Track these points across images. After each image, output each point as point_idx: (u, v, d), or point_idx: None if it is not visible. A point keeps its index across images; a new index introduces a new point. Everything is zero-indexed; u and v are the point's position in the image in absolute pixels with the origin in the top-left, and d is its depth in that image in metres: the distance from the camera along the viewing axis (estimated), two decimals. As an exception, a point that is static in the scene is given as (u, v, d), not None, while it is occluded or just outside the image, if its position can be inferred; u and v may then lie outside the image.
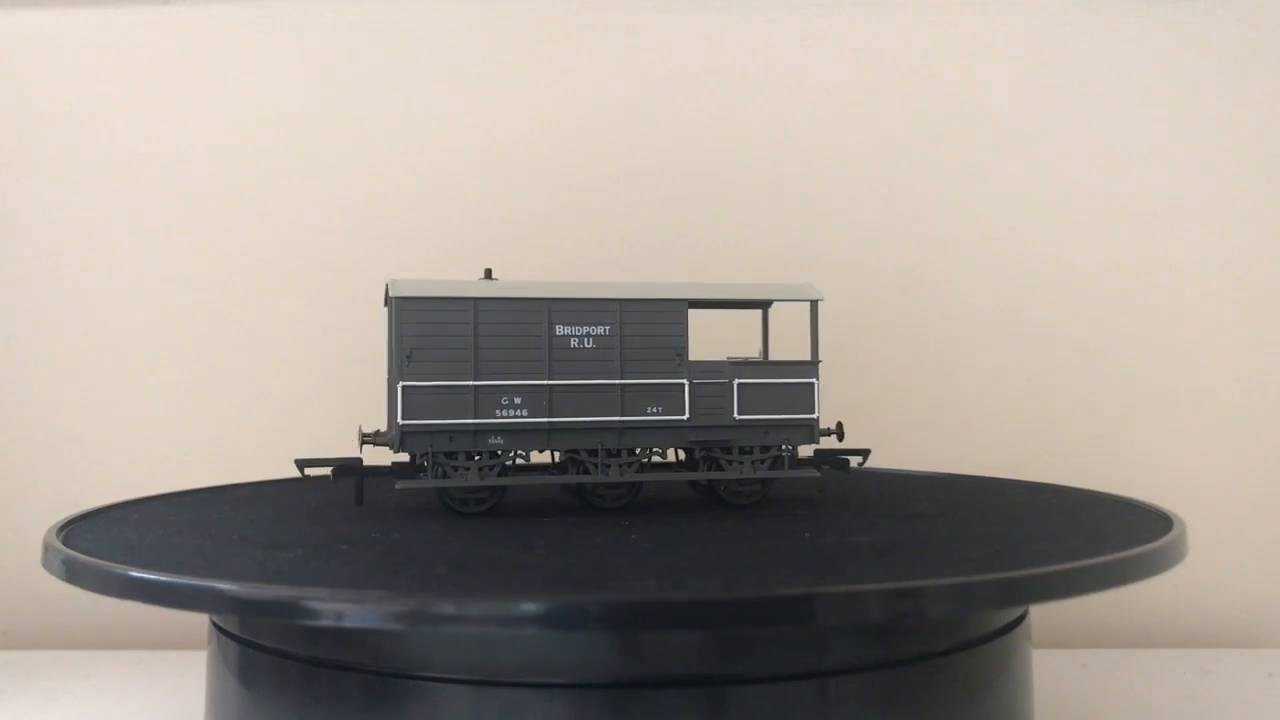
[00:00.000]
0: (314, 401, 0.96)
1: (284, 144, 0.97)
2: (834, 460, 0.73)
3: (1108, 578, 0.50)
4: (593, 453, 0.67)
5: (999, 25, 0.96)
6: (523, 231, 0.96)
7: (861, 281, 0.96)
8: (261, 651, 0.54)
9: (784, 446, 0.70)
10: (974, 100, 0.96)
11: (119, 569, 0.50)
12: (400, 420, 0.64)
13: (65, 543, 0.57)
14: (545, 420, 0.66)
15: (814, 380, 0.71)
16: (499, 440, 0.65)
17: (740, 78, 0.97)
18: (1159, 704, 0.74)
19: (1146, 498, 0.68)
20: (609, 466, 0.67)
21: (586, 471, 0.67)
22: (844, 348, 0.96)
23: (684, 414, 0.68)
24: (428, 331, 0.64)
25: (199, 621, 0.60)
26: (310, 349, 0.96)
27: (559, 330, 0.66)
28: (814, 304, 0.71)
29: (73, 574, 0.53)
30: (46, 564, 0.55)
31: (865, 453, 0.73)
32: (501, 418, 0.65)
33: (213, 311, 0.97)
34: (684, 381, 0.68)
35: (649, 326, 0.68)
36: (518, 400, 0.65)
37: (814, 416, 0.70)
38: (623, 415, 0.67)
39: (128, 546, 0.57)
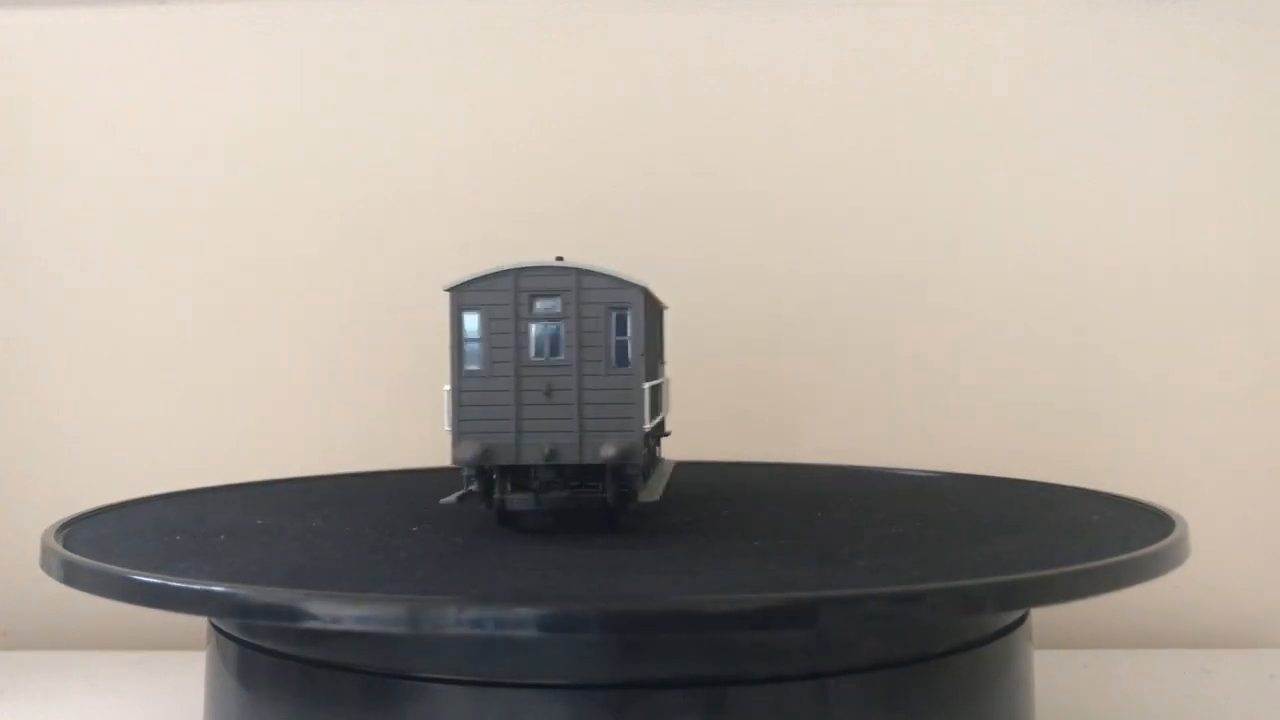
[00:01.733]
0: (315, 401, 0.96)
1: (284, 144, 0.97)
2: None
3: (1109, 580, 0.50)
4: None
5: (999, 25, 0.96)
6: (524, 231, 0.95)
7: (859, 280, 0.96)
8: (261, 652, 0.54)
9: None
10: (974, 100, 0.96)
11: (117, 571, 0.50)
12: (647, 424, 0.57)
13: (64, 543, 0.57)
14: None
15: None
16: None
17: (740, 78, 0.97)
18: (1159, 704, 0.74)
19: (1147, 498, 0.68)
20: None
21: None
22: (842, 346, 0.96)
23: None
24: (646, 328, 0.58)
25: (199, 622, 0.60)
26: (310, 349, 0.96)
27: None
28: None
29: (71, 576, 0.53)
30: (45, 565, 0.55)
31: None
32: None
33: (212, 311, 0.97)
34: None
35: None
36: None
37: None
38: None
39: (127, 548, 0.57)
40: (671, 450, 0.79)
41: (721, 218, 0.96)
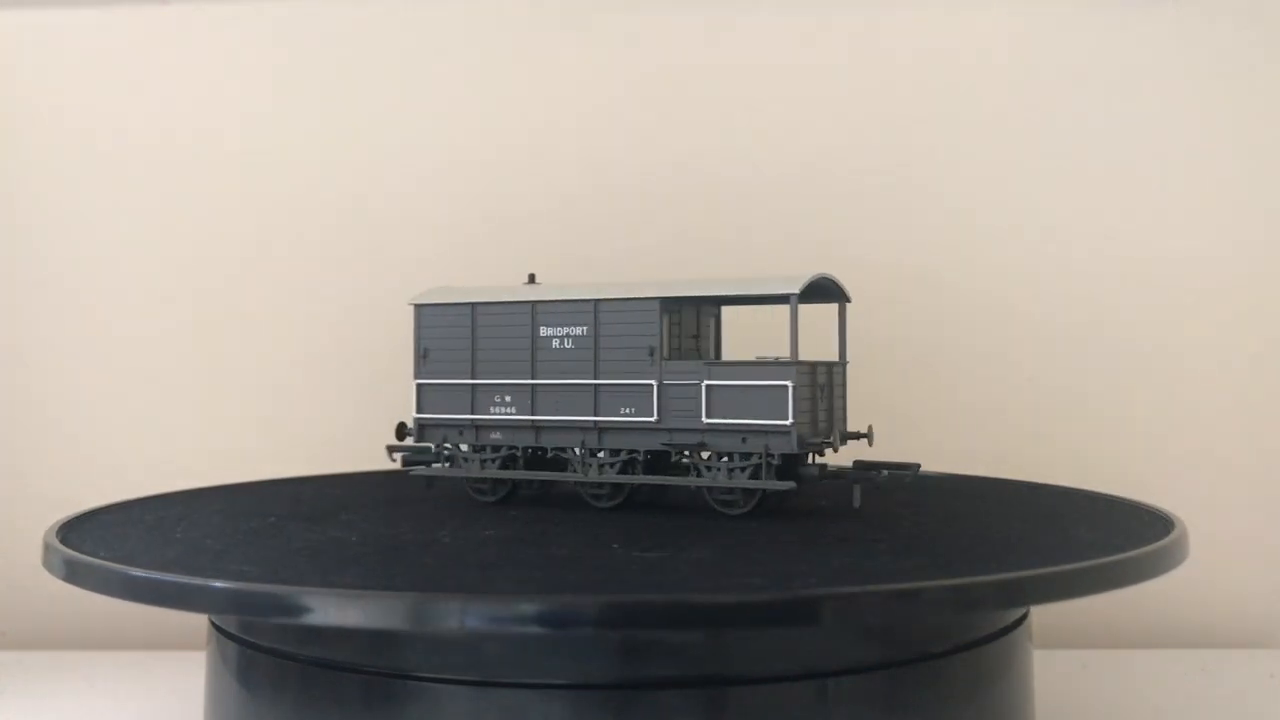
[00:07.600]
0: (315, 400, 0.96)
1: (283, 144, 0.97)
2: None
3: (1108, 579, 0.50)
4: None
5: (999, 25, 0.96)
6: (526, 231, 0.96)
7: (859, 281, 0.96)
8: (261, 652, 0.54)
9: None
10: (974, 100, 0.96)
11: (119, 568, 0.50)
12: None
13: (64, 542, 0.57)
14: None
15: None
16: None
17: (741, 77, 0.97)
18: (1159, 704, 0.74)
19: (1146, 498, 0.68)
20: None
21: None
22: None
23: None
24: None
25: (199, 621, 0.60)
26: (309, 349, 0.96)
27: None
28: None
29: (73, 573, 0.53)
30: (47, 563, 0.55)
31: None
32: None
33: (212, 311, 0.97)
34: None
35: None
36: None
37: None
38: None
39: (127, 546, 0.57)
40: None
41: (722, 217, 0.96)
